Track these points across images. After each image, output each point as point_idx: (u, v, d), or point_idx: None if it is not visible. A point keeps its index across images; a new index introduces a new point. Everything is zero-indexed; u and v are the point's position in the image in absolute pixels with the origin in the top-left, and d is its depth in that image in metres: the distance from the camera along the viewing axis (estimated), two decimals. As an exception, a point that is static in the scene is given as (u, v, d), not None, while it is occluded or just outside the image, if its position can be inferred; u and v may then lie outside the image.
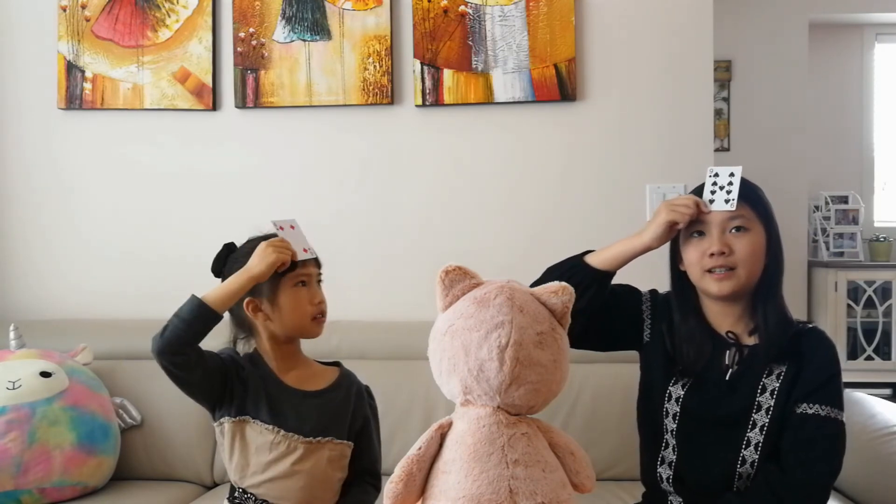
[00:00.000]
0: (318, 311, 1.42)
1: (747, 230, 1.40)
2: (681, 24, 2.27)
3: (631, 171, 2.29)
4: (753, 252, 1.39)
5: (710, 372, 1.43)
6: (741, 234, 1.39)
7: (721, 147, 4.37)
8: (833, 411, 1.35)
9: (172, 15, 2.38)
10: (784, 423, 1.37)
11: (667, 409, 1.46)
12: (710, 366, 1.44)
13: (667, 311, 1.51)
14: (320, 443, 1.39)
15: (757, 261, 1.40)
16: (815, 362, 1.38)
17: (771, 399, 1.38)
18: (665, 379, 1.48)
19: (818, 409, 1.35)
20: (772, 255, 1.42)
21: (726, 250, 1.38)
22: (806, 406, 1.35)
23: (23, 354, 1.98)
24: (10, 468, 1.77)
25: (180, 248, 2.39)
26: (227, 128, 2.39)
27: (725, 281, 1.39)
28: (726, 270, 1.39)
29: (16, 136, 2.46)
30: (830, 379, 1.37)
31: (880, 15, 4.64)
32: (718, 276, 1.39)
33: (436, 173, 2.34)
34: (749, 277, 1.40)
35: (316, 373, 1.48)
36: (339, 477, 1.43)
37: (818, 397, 1.35)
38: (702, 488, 1.41)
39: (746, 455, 1.38)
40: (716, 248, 1.38)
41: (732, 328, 1.44)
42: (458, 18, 2.30)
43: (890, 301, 4.29)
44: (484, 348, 1.14)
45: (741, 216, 1.40)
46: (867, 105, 4.84)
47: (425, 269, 1.44)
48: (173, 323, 1.31)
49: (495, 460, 1.13)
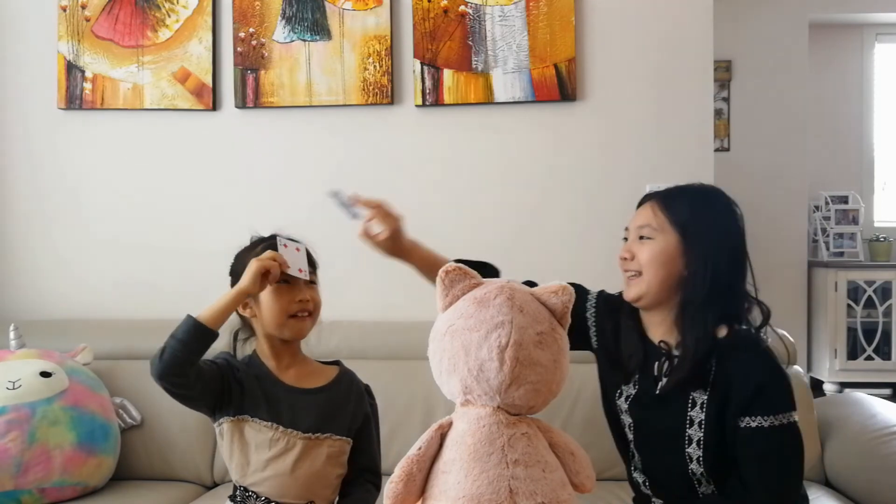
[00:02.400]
0: (298, 309, 1.41)
1: (650, 239, 1.40)
2: (681, 24, 2.27)
3: (631, 171, 2.29)
4: (654, 259, 1.39)
5: (646, 383, 1.44)
6: (644, 242, 1.41)
7: (721, 147, 4.37)
8: (777, 418, 1.31)
9: (172, 15, 2.38)
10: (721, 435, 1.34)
11: (622, 420, 1.48)
12: (644, 375, 1.44)
13: (613, 312, 1.50)
14: (319, 439, 1.39)
15: (661, 268, 1.38)
16: (739, 375, 1.33)
17: (701, 413, 1.36)
18: (613, 389, 1.49)
19: (760, 421, 1.31)
20: (695, 267, 1.37)
21: (628, 255, 1.43)
22: (749, 420, 1.32)
23: (23, 354, 1.98)
24: (10, 468, 1.77)
25: (180, 248, 2.39)
26: (227, 128, 2.39)
27: (631, 287, 1.43)
28: (634, 275, 1.42)
29: (16, 137, 2.46)
30: (761, 388, 1.32)
31: (880, 15, 4.64)
32: (627, 279, 1.44)
33: (436, 173, 2.34)
34: (659, 285, 1.39)
35: (315, 371, 1.48)
36: (338, 473, 1.43)
37: (755, 409, 1.31)
38: (674, 492, 1.42)
39: (693, 469, 1.37)
40: (621, 253, 1.45)
41: (664, 337, 1.42)
42: (458, 18, 2.30)
43: (890, 301, 4.29)
44: (484, 348, 1.14)
45: (647, 225, 1.41)
46: (867, 105, 4.84)
47: (425, 269, 1.44)
48: (171, 345, 1.30)
49: (495, 460, 1.13)
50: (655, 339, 1.43)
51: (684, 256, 1.38)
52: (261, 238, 1.47)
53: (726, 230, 1.41)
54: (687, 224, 1.39)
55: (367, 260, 2.35)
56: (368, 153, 2.36)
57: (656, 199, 1.44)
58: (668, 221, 1.40)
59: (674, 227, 1.39)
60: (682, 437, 1.37)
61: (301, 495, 1.38)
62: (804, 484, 1.40)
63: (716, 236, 1.39)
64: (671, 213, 1.40)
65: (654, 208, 1.42)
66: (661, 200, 1.43)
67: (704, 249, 1.37)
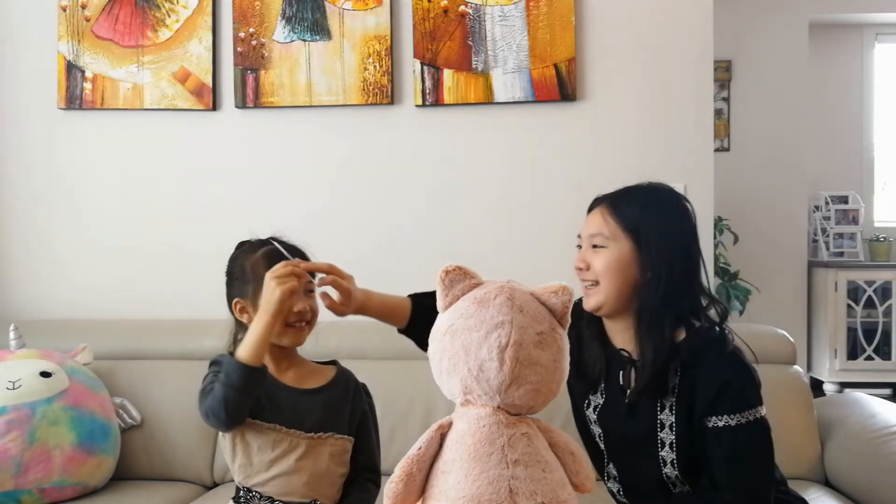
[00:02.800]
0: (296, 319, 1.41)
1: (603, 247, 1.38)
2: (681, 24, 2.27)
3: (631, 171, 2.27)
4: (609, 268, 1.36)
5: (612, 391, 1.42)
6: (597, 251, 1.39)
7: (721, 147, 4.37)
8: (743, 415, 1.30)
9: (172, 15, 2.38)
10: (693, 435, 1.33)
11: (592, 430, 1.47)
12: (609, 384, 1.42)
13: (575, 321, 1.45)
14: (321, 438, 1.39)
15: (617, 276, 1.36)
16: (702, 376, 1.32)
17: (671, 415, 1.35)
18: (581, 400, 1.48)
19: (727, 420, 1.30)
20: (649, 273, 1.35)
21: (583, 265, 1.41)
22: (715, 419, 1.31)
23: (23, 354, 1.98)
24: (10, 468, 1.77)
25: (180, 248, 2.40)
26: (227, 128, 2.39)
27: (589, 297, 1.40)
28: (592, 284, 1.39)
29: (16, 137, 2.46)
30: (725, 386, 1.31)
31: (880, 15, 4.65)
32: (585, 289, 1.41)
33: (436, 173, 2.35)
34: (616, 293, 1.36)
35: (313, 371, 1.49)
36: (341, 472, 1.44)
37: (720, 408, 1.30)
38: (647, 498, 1.41)
39: (668, 472, 1.36)
40: (576, 263, 1.42)
41: (626, 345, 1.40)
42: (458, 18, 2.30)
43: (890, 301, 4.29)
44: (484, 348, 1.14)
45: (599, 234, 1.39)
46: (867, 105, 4.84)
47: (425, 269, 1.44)
48: (230, 396, 1.28)
49: (495, 460, 1.13)
50: (618, 347, 1.42)
51: (639, 262, 1.36)
52: (259, 241, 1.46)
53: (678, 230, 1.39)
54: (638, 228, 1.36)
55: (366, 259, 2.37)
56: (368, 153, 2.36)
57: (606, 203, 1.42)
58: (620, 228, 1.37)
59: (625, 232, 1.37)
60: (654, 441, 1.36)
61: (305, 494, 1.38)
62: (801, 484, 1.40)
63: (668, 237, 1.36)
64: (622, 219, 1.38)
65: (604, 214, 1.40)
66: (611, 205, 1.40)
67: (657, 253, 1.35)
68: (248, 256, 1.43)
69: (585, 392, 1.46)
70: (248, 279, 1.41)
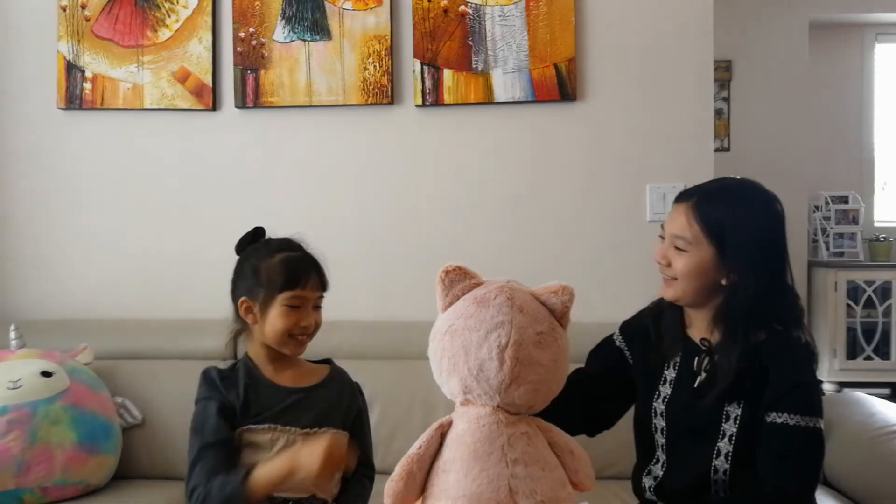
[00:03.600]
0: (300, 333, 1.42)
1: (684, 251, 1.38)
2: (681, 24, 2.27)
3: (631, 171, 2.29)
4: (689, 272, 1.37)
5: (683, 378, 1.44)
6: (679, 253, 1.39)
7: (721, 147, 4.37)
8: (804, 419, 1.30)
9: (172, 15, 2.38)
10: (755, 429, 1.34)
11: (654, 424, 1.47)
12: (682, 374, 1.44)
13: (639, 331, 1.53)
14: (317, 434, 1.40)
15: (696, 280, 1.37)
16: (778, 370, 1.33)
17: (738, 408, 1.36)
18: (649, 395, 1.48)
19: (787, 418, 1.30)
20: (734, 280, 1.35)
21: (663, 262, 1.41)
22: (775, 415, 1.31)
23: (24, 354, 1.98)
24: (11, 467, 1.77)
25: (180, 248, 2.40)
26: (227, 128, 2.39)
27: (667, 288, 1.42)
28: (667, 278, 1.41)
29: (16, 136, 2.46)
30: (796, 386, 1.32)
31: (880, 15, 4.64)
32: (663, 280, 1.43)
33: (436, 173, 2.35)
34: (694, 293, 1.38)
35: (308, 371, 1.50)
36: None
37: (786, 405, 1.31)
38: (682, 496, 1.41)
39: (717, 465, 1.36)
40: (656, 255, 1.43)
41: (705, 335, 1.42)
42: (458, 18, 2.30)
43: (890, 301, 4.29)
44: (484, 348, 1.14)
45: (682, 237, 1.37)
46: (867, 105, 4.84)
47: (425, 269, 1.44)
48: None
49: (495, 459, 1.13)
50: (695, 336, 1.43)
51: (720, 267, 1.35)
52: (276, 243, 1.46)
53: (766, 233, 1.37)
54: (723, 233, 1.34)
55: (367, 260, 2.37)
56: (368, 153, 2.36)
57: (692, 203, 1.38)
58: (703, 232, 1.35)
59: (708, 238, 1.35)
60: (715, 432, 1.37)
61: (305, 489, 1.39)
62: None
63: (754, 242, 1.35)
64: (706, 222, 1.35)
65: (688, 216, 1.37)
66: (696, 206, 1.37)
67: (742, 259, 1.34)
68: (263, 258, 1.42)
69: (655, 383, 1.47)
70: (261, 283, 1.40)
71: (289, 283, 1.39)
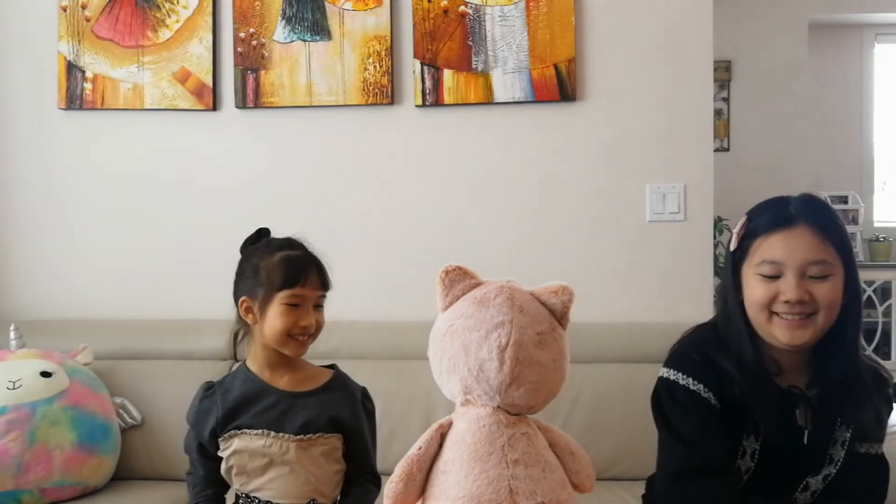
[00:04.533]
0: (300, 333, 1.40)
1: (829, 276, 1.21)
2: (681, 24, 2.27)
3: (631, 171, 2.29)
4: (834, 301, 1.22)
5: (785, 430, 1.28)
6: (821, 281, 1.21)
7: (721, 147, 4.37)
8: (881, 448, 1.33)
9: (172, 15, 2.38)
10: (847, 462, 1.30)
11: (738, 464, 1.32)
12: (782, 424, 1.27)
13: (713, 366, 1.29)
14: (311, 439, 1.38)
15: (835, 309, 1.23)
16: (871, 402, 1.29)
17: (841, 450, 1.31)
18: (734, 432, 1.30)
19: (877, 448, 1.32)
20: (849, 298, 1.24)
21: (806, 298, 1.20)
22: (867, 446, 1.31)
23: (23, 354, 1.98)
24: (10, 468, 1.77)
25: (180, 248, 2.40)
26: (227, 128, 2.39)
27: (800, 329, 1.21)
28: (803, 318, 1.21)
29: (16, 136, 2.45)
30: (879, 417, 1.32)
31: (880, 15, 4.65)
32: (793, 322, 1.21)
33: (436, 173, 2.35)
34: (827, 325, 1.23)
35: (309, 375, 1.47)
36: (336, 469, 1.43)
37: (873, 436, 1.31)
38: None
39: (799, 497, 1.32)
40: (793, 296, 1.19)
41: (794, 382, 1.29)
42: (458, 18, 2.30)
43: (890, 301, 4.29)
44: (484, 348, 1.14)
45: (824, 262, 1.21)
46: (867, 105, 4.84)
47: (425, 269, 1.44)
48: None
49: (495, 460, 1.13)
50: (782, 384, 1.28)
51: (845, 288, 1.23)
52: (277, 242, 1.45)
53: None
54: (847, 249, 1.24)
55: (366, 260, 2.37)
56: (368, 153, 2.36)
57: (813, 223, 1.23)
58: (836, 251, 1.22)
59: (840, 256, 1.22)
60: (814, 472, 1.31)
61: (304, 494, 1.38)
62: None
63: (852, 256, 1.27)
64: (835, 241, 1.22)
65: (817, 237, 1.21)
66: (820, 226, 1.22)
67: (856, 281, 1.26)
68: (263, 257, 1.41)
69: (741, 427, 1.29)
70: (261, 282, 1.39)
71: (287, 281, 1.37)
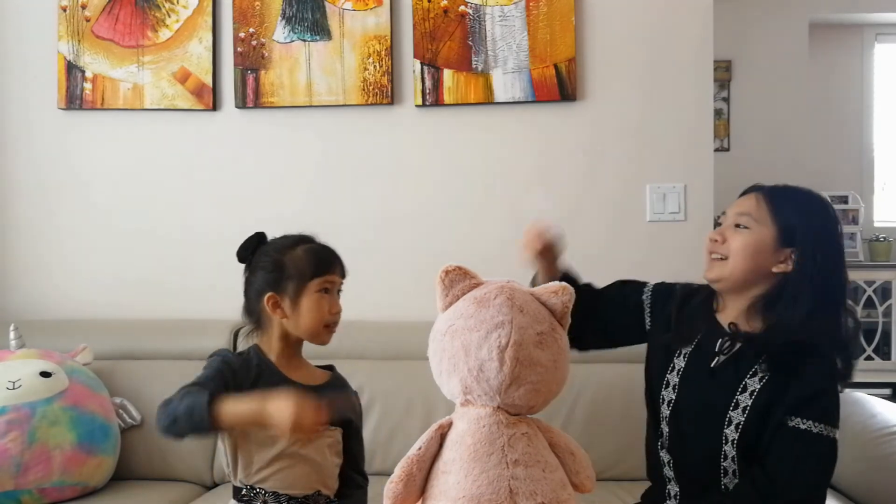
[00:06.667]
0: (332, 320, 1.44)
1: (746, 228, 1.41)
2: (681, 24, 2.27)
3: (631, 171, 2.29)
4: (744, 249, 1.40)
5: (700, 358, 1.44)
6: (738, 231, 1.42)
7: (721, 147, 4.37)
8: (825, 428, 1.33)
9: (172, 15, 2.38)
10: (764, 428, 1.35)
11: (663, 395, 1.48)
12: (700, 352, 1.45)
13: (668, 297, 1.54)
14: (320, 432, 1.40)
15: (749, 259, 1.39)
16: (804, 376, 1.35)
17: (749, 399, 1.37)
18: (663, 366, 1.49)
19: (810, 426, 1.33)
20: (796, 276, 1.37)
21: (719, 238, 1.44)
22: (799, 420, 1.33)
23: (23, 354, 1.98)
24: (9, 468, 1.77)
25: (180, 248, 2.40)
26: (227, 128, 2.39)
27: (714, 268, 1.44)
28: (716, 257, 1.44)
29: (16, 137, 2.45)
30: (819, 394, 1.34)
31: (880, 15, 4.65)
32: (708, 259, 1.45)
33: (436, 173, 2.34)
34: (741, 274, 1.40)
35: (313, 372, 1.51)
36: (337, 462, 1.46)
37: (808, 412, 1.33)
38: (694, 477, 1.43)
39: (727, 450, 1.38)
40: (711, 235, 1.46)
41: (735, 320, 1.43)
42: (458, 18, 2.30)
43: (890, 301, 4.28)
44: (484, 348, 1.14)
45: (748, 214, 1.41)
46: (867, 105, 4.84)
47: (425, 269, 1.44)
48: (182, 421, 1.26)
49: (495, 460, 1.13)
50: (723, 321, 1.44)
51: (775, 254, 1.39)
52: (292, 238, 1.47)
53: (826, 230, 1.41)
54: (790, 224, 1.39)
55: (367, 260, 2.37)
56: (368, 153, 2.36)
57: (763, 191, 1.45)
58: (770, 215, 1.40)
59: (774, 222, 1.40)
60: (722, 417, 1.38)
61: (308, 486, 1.40)
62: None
63: (814, 235, 1.39)
64: (775, 209, 1.40)
65: (758, 199, 1.43)
66: (768, 194, 1.43)
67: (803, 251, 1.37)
68: (284, 252, 1.43)
69: (670, 357, 1.48)
70: (289, 275, 1.41)
71: (319, 268, 1.42)
